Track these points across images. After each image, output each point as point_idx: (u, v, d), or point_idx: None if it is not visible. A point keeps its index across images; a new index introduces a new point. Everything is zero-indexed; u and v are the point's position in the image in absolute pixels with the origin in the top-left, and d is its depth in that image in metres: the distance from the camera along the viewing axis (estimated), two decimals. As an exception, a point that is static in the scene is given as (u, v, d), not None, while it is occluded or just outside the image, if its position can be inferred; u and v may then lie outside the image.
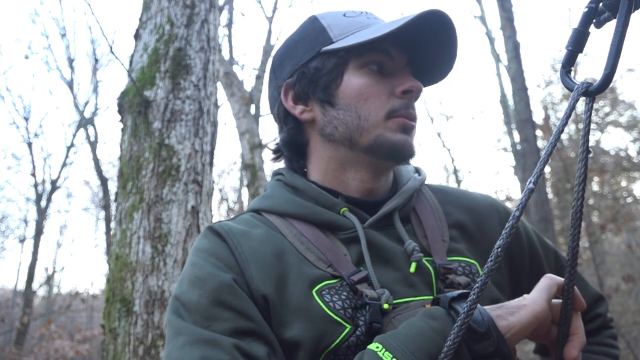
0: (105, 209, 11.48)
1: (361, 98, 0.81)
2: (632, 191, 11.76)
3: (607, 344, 0.92)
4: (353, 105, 0.81)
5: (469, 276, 0.79)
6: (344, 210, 0.81)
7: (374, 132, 0.80)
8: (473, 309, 0.57)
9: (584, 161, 0.56)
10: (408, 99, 0.81)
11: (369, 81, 0.81)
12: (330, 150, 0.85)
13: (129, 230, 2.25)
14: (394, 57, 0.82)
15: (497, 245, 0.57)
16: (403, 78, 0.81)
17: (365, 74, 0.81)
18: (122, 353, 2.08)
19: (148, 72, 2.49)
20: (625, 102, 11.85)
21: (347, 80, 0.82)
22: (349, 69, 0.82)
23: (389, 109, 0.80)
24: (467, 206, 0.90)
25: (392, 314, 0.70)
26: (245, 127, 6.68)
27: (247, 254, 0.74)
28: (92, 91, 13.77)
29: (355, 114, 0.81)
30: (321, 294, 0.71)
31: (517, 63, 7.03)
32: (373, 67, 0.81)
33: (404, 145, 0.80)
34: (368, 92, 0.80)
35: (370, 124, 0.80)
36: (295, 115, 0.87)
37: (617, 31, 0.53)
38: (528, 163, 6.65)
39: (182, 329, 0.68)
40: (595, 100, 0.58)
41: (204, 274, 0.72)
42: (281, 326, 0.70)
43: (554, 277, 0.68)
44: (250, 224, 0.81)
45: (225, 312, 0.68)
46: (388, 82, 0.81)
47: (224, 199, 14.86)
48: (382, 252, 0.77)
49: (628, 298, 7.62)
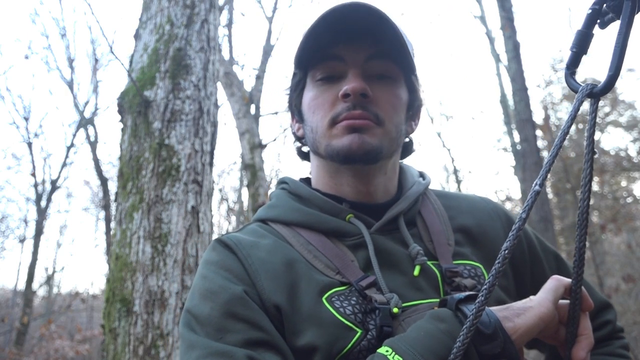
0: (105, 209, 11.48)
1: (310, 111, 0.84)
2: (632, 191, 11.77)
3: (618, 355, 0.91)
4: (308, 119, 0.85)
5: (475, 278, 0.80)
6: (349, 217, 0.81)
7: (323, 142, 0.82)
8: (481, 310, 0.57)
9: (589, 162, 0.57)
10: (351, 101, 0.79)
11: (315, 93, 0.83)
12: (316, 160, 0.89)
13: (129, 230, 2.25)
14: (345, 59, 0.81)
15: (504, 248, 0.57)
16: (348, 80, 0.80)
17: (314, 86, 0.84)
18: (122, 353, 2.07)
19: (148, 72, 2.48)
20: (625, 102, 11.86)
21: (305, 95, 0.86)
22: (307, 84, 0.86)
23: (331, 116, 0.81)
24: (470, 211, 0.91)
25: (402, 317, 0.71)
26: (245, 127, 6.67)
27: (257, 265, 0.75)
28: (92, 91, 13.75)
29: (309, 127, 0.85)
30: (331, 300, 0.72)
31: (517, 63, 7.03)
32: (321, 78, 0.83)
33: (351, 147, 0.78)
34: (314, 104, 0.83)
35: (319, 135, 0.82)
36: (297, 134, 0.92)
37: (620, 32, 0.53)
38: (528, 163, 6.64)
39: (195, 342, 0.68)
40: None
41: (214, 286, 0.73)
42: (294, 334, 0.70)
43: (561, 279, 0.68)
44: (258, 234, 0.82)
45: (238, 324, 0.69)
46: (336, 87, 0.81)
47: (224, 199, 14.88)
48: (389, 257, 0.78)
49: (628, 298, 7.63)
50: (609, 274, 8.36)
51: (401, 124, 0.84)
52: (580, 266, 0.63)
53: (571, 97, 11.79)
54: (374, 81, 0.81)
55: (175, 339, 2.11)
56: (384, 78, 0.82)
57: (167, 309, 2.13)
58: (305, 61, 0.84)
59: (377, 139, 0.79)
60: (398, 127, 0.83)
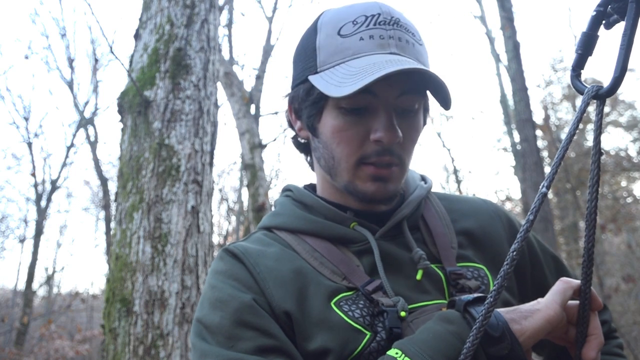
0: (105, 209, 11.48)
1: (334, 140, 0.78)
2: (632, 191, 11.78)
3: (615, 354, 0.93)
4: (329, 144, 0.80)
5: (478, 280, 0.80)
6: (354, 225, 0.82)
7: (345, 177, 0.80)
8: (490, 312, 0.58)
9: (596, 163, 0.57)
10: (382, 146, 0.76)
11: (342, 124, 0.77)
12: (322, 173, 0.86)
13: (129, 230, 2.25)
14: (378, 94, 0.75)
15: (512, 249, 0.57)
16: (381, 122, 0.75)
17: (340, 114, 0.77)
18: (122, 353, 2.07)
19: (148, 72, 2.48)
20: (625, 102, 11.87)
21: (325, 117, 0.79)
22: (328, 106, 0.79)
23: (359, 156, 0.77)
24: (472, 213, 0.91)
25: (410, 319, 0.72)
26: (245, 127, 6.67)
27: (265, 273, 0.76)
28: (92, 91, 13.77)
29: (330, 155, 0.80)
30: (339, 305, 0.73)
31: (517, 63, 7.03)
32: (348, 108, 0.76)
33: (374, 195, 0.78)
34: (341, 136, 0.78)
35: (342, 168, 0.80)
36: (295, 129, 0.89)
37: (625, 34, 0.53)
38: (528, 163, 6.65)
39: (207, 351, 0.69)
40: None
41: (224, 296, 0.74)
42: (305, 339, 0.71)
43: (569, 281, 0.68)
44: (264, 242, 0.83)
45: (248, 332, 0.70)
46: (365, 123, 0.76)
47: (224, 199, 14.88)
48: (393, 261, 0.79)
49: (628, 298, 7.63)
50: (609, 274, 8.36)
51: (415, 149, 0.83)
52: (589, 266, 0.63)
53: (571, 97, 11.79)
54: (401, 116, 0.78)
55: (175, 339, 2.11)
56: (411, 113, 0.79)
57: (167, 309, 2.13)
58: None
59: (400, 182, 0.80)
60: (412, 157, 0.83)
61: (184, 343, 2.12)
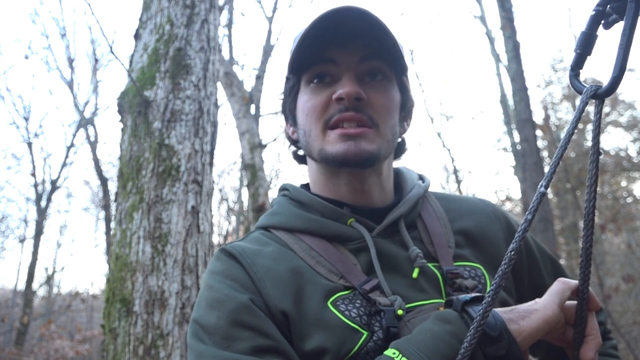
0: (105, 209, 11.48)
1: (304, 114, 0.84)
2: (632, 191, 11.78)
3: (610, 355, 0.93)
4: (301, 122, 0.85)
5: (475, 279, 0.80)
6: (351, 221, 0.82)
7: (316, 146, 0.82)
8: (488, 311, 0.58)
9: (595, 162, 0.57)
10: (345, 104, 0.79)
11: (309, 95, 0.83)
12: (312, 164, 0.89)
13: (129, 230, 2.25)
14: (337, 62, 0.81)
15: (510, 249, 0.58)
16: (342, 84, 0.80)
17: (309, 89, 0.84)
18: (122, 353, 2.07)
19: (148, 72, 2.48)
20: (625, 102, 11.87)
21: (298, 99, 0.86)
22: (301, 88, 0.85)
23: (324, 119, 0.81)
24: (470, 213, 0.92)
25: (407, 318, 0.72)
26: (245, 127, 6.67)
27: (261, 273, 0.76)
28: (92, 91, 13.75)
29: (303, 131, 0.85)
30: (336, 304, 0.73)
31: (517, 63, 7.03)
32: (314, 81, 0.83)
33: (346, 155, 0.78)
34: (307, 106, 0.83)
35: (312, 138, 0.83)
36: (290, 135, 0.93)
37: (624, 34, 0.53)
38: (528, 163, 6.64)
39: (204, 352, 0.69)
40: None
41: (220, 296, 0.74)
42: (302, 339, 0.71)
43: (567, 281, 0.68)
44: (261, 242, 0.83)
45: (244, 332, 0.70)
46: (330, 90, 0.81)
47: (224, 199, 14.87)
48: (390, 260, 0.79)
49: (628, 298, 7.63)
50: (609, 274, 8.35)
51: (395, 125, 0.85)
52: (587, 267, 0.63)
53: (571, 97, 11.79)
54: (367, 83, 0.81)
55: (175, 339, 2.11)
56: (376, 78, 0.82)
57: (167, 309, 2.13)
58: (299, 65, 0.84)
59: (375, 144, 0.79)
60: (393, 129, 0.84)
61: (184, 343, 2.12)
